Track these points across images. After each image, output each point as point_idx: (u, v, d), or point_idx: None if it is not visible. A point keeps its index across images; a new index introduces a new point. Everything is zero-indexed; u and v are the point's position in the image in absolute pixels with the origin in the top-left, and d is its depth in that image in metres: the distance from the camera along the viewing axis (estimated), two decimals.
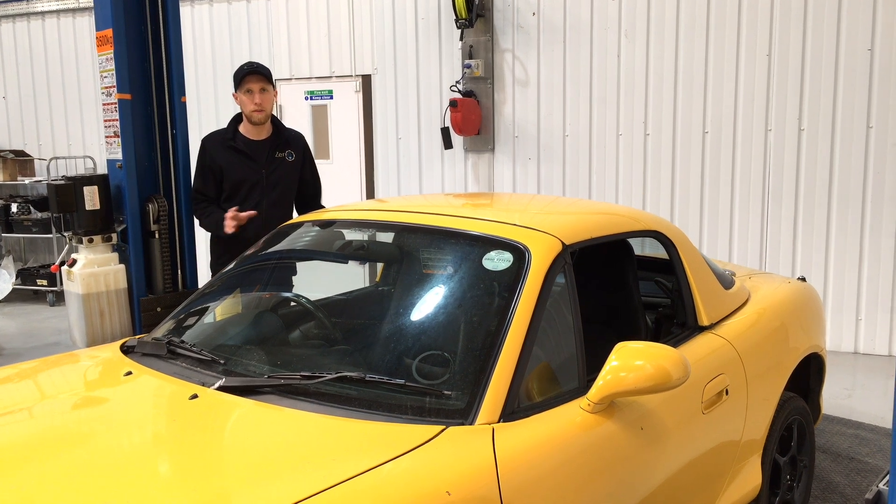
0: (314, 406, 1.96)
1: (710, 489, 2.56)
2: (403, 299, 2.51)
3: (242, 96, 3.74)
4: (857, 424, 4.41)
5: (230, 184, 3.77)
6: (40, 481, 1.65)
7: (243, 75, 3.74)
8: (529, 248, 2.27)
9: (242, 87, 3.74)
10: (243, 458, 1.75)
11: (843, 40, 5.57)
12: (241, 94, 3.75)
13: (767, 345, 2.96)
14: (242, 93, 3.74)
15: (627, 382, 2.00)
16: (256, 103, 3.71)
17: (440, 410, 1.93)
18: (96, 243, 3.80)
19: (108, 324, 3.75)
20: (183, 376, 2.17)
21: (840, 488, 3.60)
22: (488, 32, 6.59)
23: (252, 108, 3.73)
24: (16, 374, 2.39)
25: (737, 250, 6.04)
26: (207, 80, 7.70)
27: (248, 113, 3.75)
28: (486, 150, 6.76)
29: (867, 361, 5.63)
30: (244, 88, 3.73)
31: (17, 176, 8.17)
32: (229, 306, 2.78)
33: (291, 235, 2.87)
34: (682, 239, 2.90)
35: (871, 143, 5.57)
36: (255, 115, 3.74)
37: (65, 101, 8.39)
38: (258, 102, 3.71)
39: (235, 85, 3.80)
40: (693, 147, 6.09)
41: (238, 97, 3.78)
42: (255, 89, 3.71)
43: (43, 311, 7.59)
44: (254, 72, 3.73)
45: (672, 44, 6.06)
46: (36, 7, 8.32)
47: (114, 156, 3.92)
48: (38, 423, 2.03)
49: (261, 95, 3.72)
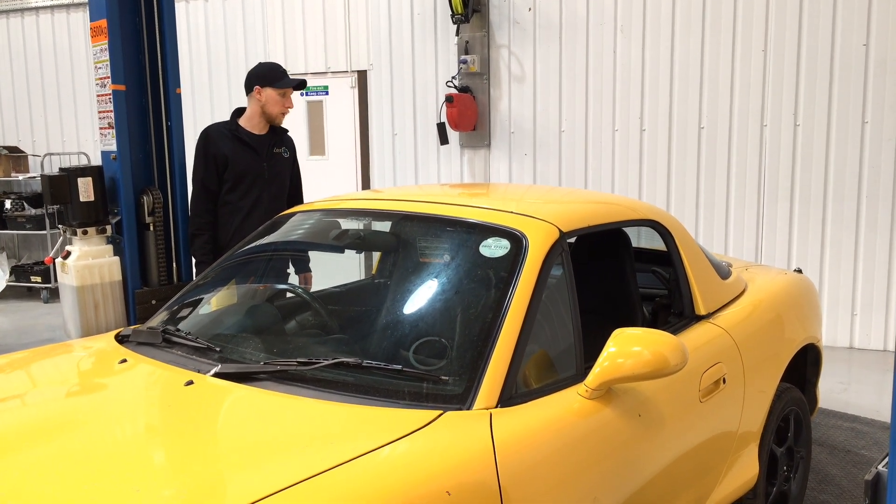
0: (311, 392, 1.94)
1: (707, 478, 2.56)
2: (401, 287, 2.50)
3: (276, 96, 3.83)
4: (853, 418, 4.41)
5: (234, 174, 3.79)
6: (38, 468, 1.64)
7: (288, 82, 3.85)
8: (527, 235, 2.26)
9: (279, 88, 3.82)
10: (239, 442, 1.74)
11: (839, 36, 5.58)
12: (274, 92, 3.82)
13: (764, 335, 2.96)
14: (277, 93, 3.83)
15: (625, 368, 1.99)
16: (288, 107, 3.90)
17: (437, 395, 1.92)
18: (91, 235, 3.77)
19: (102, 316, 3.72)
20: (178, 364, 2.16)
21: (836, 480, 3.60)
22: (484, 28, 6.58)
23: (281, 111, 3.88)
24: (10, 363, 2.38)
25: (732, 246, 6.05)
26: (202, 74, 7.67)
27: (275, 113, 3.88)
28: (483, 146, 6.75)
29: (862, 356, 5.64)
30: (282, 91, 3.83)
31: (11, 172, 8.14)
32: (225, 296, 2.76)
33: (287, 225, 2.86)
34: (679, 228, 2.89)
35: (867, 138, 5.58)
36: (280, 116, 3.90)
37: (59, 97, 8.35)
38: (289, 107, 3.91)
39: (268, 81, 3.82)
40: (689, 142, 6.09)
41: (265, 93, 3.82)
42: (288, 94, 3.88)
43: (37, 308, 7.56)
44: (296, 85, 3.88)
45: (668, 39, 6.06)
46: (29, 3, 8.28)
47: (108, 147, 3.90)
48: (35, 411, 2.01)
49: (290, 101, 3.93)
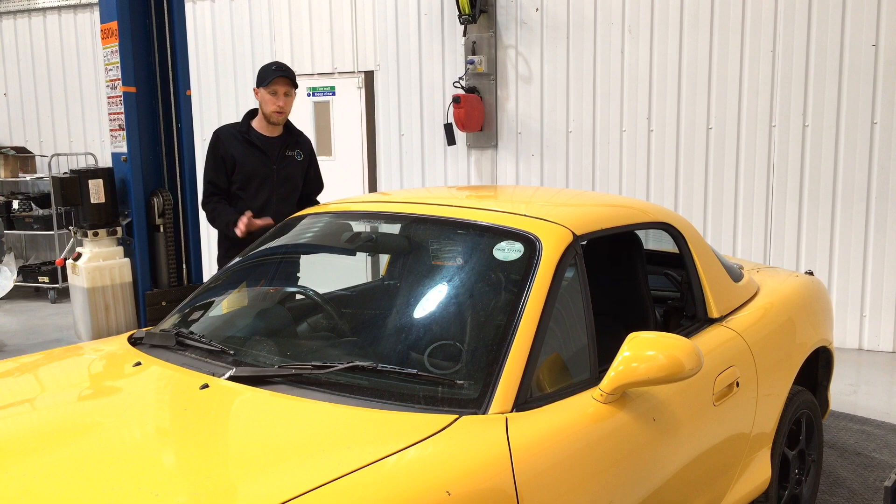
0: (326, 395, 1.94)
1: (720, 481, 2.55)
2: (414, 290, 2.50)
3: (266, 95, 3.76)
4: (863, 420, 4.40)
5: (242, 175, 3.78)
6: (55, 471, 1.64)
7: (272, 76, 3.76)
8: (540, 238, 2.26)
9: (268, 87, 3.75)
10: (257, 446, 1.73)
11: (848, 36, 5.57)
12: (265, 92, 3.77)
13: (777, 338, 2.95)
14: (267, 92, 3.76)
15: (640, 373, 1.99)
16: (280, 105, 3.77)
17: (453, 400, 1.92)
18: (101, 237, 3.78)
19: (113, 317, 3.73)
20: (192, 367, 2.16)
21: (847, 483, 3.59)
22: (491, 28, 6.57)
23: (273, 109, 3.77)
24: (25, 366, 2.38)
25: (741, 248, 6.03)
26: (209, 76, 7.68)
27: (269, 113, 3.79)
28: (490, 147, 6.75)
29: (872, 358, 5.62)
30: (270, 89, 3.75)
31: (19, 173, 8.16)
32: (237, 299, 2.76)
33: (298, 227, 2.86)
34: (691, 231, 2.89)
35: (876, 139, 5.56)
36: (274, 115, 3.79)
37: (66, 98, 8.37)
38: (281, 105, 3.77)
39: (259, 81, 3.80)
40: (697, 143, 6.08)
41: (260, 94, 3.79)
42: (280, 91, 3.76)
43: (44, 308, 7.58)
44: (283, 75, 3.76)
45: (676, 39, 6.05)
46: (37, 3, 8.30)
47: (118, 149, 3.91)
48: (50, 414, 2.01)
49: (284, 99, 3.78)
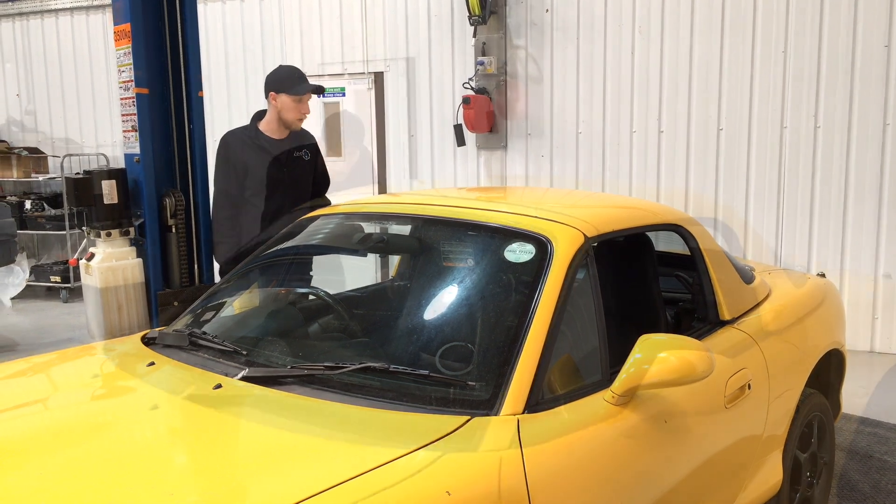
0: (338, 396, 1.95)
1: (731, 484, 2.54)
2: (425, 291, 2.50)
3: (291, 102, 3.81)
4: (875, 423, 4.37)
5: (255, 182, 3.81)
6: (70, 470, 1.65)
7: (304, 89, 3.81)
8: (552, 239, 2.26)
9: (295, 95, 3.80)
10: (271, 447, 1.74)
11: (860, 37, 5.54)
12: (289, 99, 3.80)
13: (789, 340, 2.94)
14: (293, 99, 3.80)
15: (652, 375, 1.98)
16: (304, 113, 3.87)
17: (464, 401, 1.92)
18: (114, 237, 3.80)
19: (125, 317, 3.75)
20: (205, 367, 2.17)
21: (859, 486, 3.57)
22: (501, 29, 6.57)
23: (297, 117, 3.86)
24: (39, 365, 2.40)
25: (752, 249, 6.01)
26: (220, 77, 7.71)
27: (291, 119, 3.86)
28: (499, 148, 6.75)
29: (884, 360, 5.59)
30: (297, 97, 3.81)
31: (31, 173, 8.21)
32: (250, 299, 2.78)
33: (310, 228, 2.87)
34: (703, 233, 2.88)
35: (888, 141, 5.53)
36: (296, 122, 3.88)
37: (78, 99, 8.42)
38: (305, 113, 3.88)
39: (282, 87, 3.82)
40: (708, 144, 6.06)
41: (280, 99, 3.82)
42: (305, 100, 3.85)
43: (56, 308, 7.62)
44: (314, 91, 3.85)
45: (687, 40, 6.04)
46: (50, 5, 8.35)
47: (131, 150, 3.93)
48: (65, 413, 2.03)
49: (307, 107, 3.90)
